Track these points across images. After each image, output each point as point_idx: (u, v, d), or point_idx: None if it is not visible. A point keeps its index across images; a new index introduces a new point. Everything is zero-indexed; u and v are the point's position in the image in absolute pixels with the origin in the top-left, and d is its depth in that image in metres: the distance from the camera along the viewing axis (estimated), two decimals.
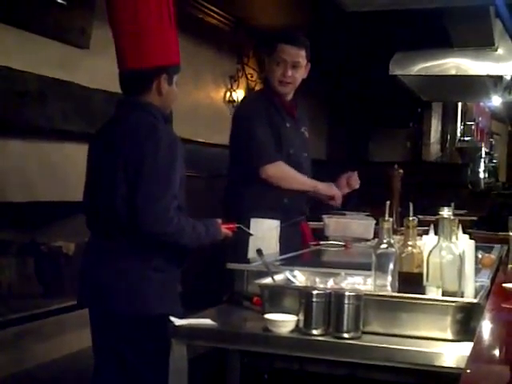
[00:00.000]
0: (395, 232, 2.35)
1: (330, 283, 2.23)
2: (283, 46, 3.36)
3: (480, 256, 2.72)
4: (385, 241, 2.09)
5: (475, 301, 1.99)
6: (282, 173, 3.32)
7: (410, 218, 2.12)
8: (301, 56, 3.38)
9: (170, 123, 2.55)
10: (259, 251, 2.42)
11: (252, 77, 6.83)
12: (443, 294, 1.99)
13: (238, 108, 3.51)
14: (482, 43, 5.19)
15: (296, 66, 3.37)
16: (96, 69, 4.46)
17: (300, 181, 3.39)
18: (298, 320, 1.97)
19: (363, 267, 2.32)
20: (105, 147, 2.46)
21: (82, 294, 2.52)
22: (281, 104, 3.43)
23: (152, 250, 2.38)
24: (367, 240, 3.48)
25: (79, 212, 4.44)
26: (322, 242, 3.40)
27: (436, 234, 2.09)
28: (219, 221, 2.60)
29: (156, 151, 2.33)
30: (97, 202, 2.46)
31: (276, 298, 2.11)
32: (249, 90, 6.73)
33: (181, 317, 2.09)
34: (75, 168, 4.35)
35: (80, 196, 2.61)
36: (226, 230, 2.62)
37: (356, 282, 2.26)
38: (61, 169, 4.34)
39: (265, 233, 2.96)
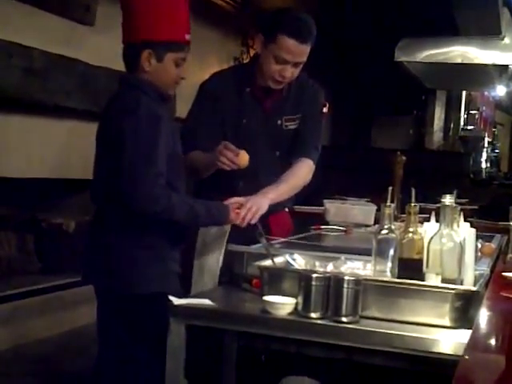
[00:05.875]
0: (396, 218, 2.34)
1: (330, 267, 2.23)
2: (286, 39, 2.69)
3: (480, 245, 2.72)
4: (386, 226, 2.09)
5: (474, 289, 1.99)
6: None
7: (412, 204, 2.11)
8: (305, 53, 2.76)
9: (167, 102, 2.44)
10: (260, 234, 2.41)
11: None
12: (443, 281, 1.99)
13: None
14: (489, 32, 5.16)
15: (298, 64, 2.78)
16: (100, 46, 4.44)
17: (201, 162, 2.80)
18: (297, 303, 1.97)
19: (363, 252, 2.32)
20: (100, 124, 2.45)
21: (83, 270, 2.52)
22: (250, 93, 2.87)
23: (141, 227, 2.35)
24: (367, 226, 3.48)
25: (80, 189, 4.45)
26: (322, 227, 3.40)
27: (437, 221, 2.09)
28: (229, 205, 2.48)
29: (136, 127, 2.26)
30: (95, 179, 2.46)
31: (275, 280, 2.11)
32: None
33: (179, 296, 2.10)
34: (77, 145, 4.35)
35: (81, 173, 2.61)
36: (236, 216, 2.48)
37: (356, 267, 2.26)
38: (62, 146, 4.34)
39: None
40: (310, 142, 2.95)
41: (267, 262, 2.24)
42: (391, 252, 2.07)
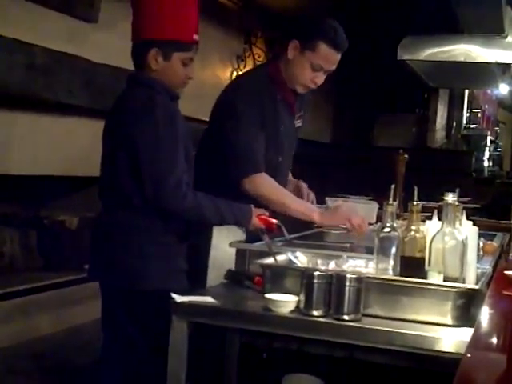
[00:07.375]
0: (398, 217, 2.35)
1: (332, 265, 2.24)
2: (326, 48, 2.74)
3: (482, 243, 2.72)
4: (388, 224, 2.09)
5: (476, 287, 1.99)
6: (265, 188, 2.70)
7: (414, 203, 2.11)
8: (337, 62, 2.83)
9: (176, 100, 2.48)
10: (262, 230, 2.41)
11: (259, 57, 6.80)
12: (445, 280, 1.99)
13: (230, 92, 2.88)
14: (492, 30, 5.15)
15: (329, 71, 2.84)
16: (103, 43, 4.44)
17: (289, 204, 2.73)
18: (299, 301, 1.97)
19: (366, 250, 2.32)
20: (108, 122, 2.46)
21: (89, 266, 2.52)
22: (282, 99, 2.86)
23: (156, 224, 2.36)
24: (370, 224, 3.47)
25: (83, 187, 4.45)
26: None
27: (440, 219, 2.09)
28: (252, 209, 2.45)
29: (155, 126, 2.27)
30: (103, 176, 2.46)
31: (277, 278, 2.12)
32: None
33: (184, 293, 2.10)
34: (79, 143, 4.35)
35: (84, 171, 2.62)
36: (259, 222, 2.44)
37: (358, 265, 2.26)
38: (65, 143, 4.34)
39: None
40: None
41: (269, 260, 2.25)
42: (393, 250, 2.07)
